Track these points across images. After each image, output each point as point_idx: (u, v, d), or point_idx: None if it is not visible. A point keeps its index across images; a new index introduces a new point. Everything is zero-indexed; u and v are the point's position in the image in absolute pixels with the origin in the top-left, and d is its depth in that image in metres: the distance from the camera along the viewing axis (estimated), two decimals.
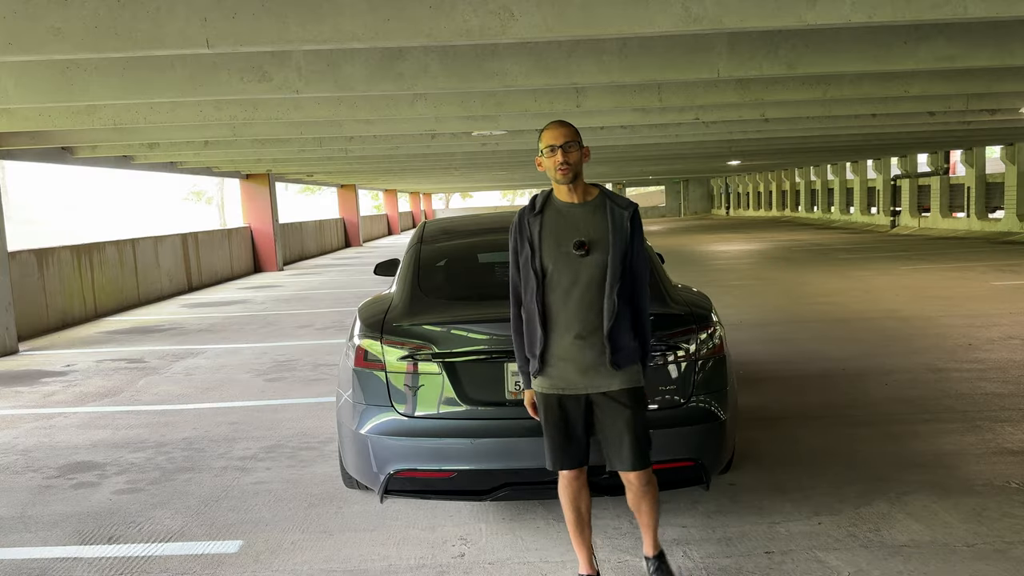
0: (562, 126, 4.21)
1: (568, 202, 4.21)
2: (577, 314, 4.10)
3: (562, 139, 4.14)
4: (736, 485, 5.87)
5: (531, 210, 4.25)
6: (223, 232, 25.81)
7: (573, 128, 4.22)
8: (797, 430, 7.16)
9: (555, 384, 4.18)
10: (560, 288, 4.11)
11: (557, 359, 4.15)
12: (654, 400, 4.82)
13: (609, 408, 4.16)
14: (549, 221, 4.19)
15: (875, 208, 40.78)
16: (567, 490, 4.36)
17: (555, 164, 4.13)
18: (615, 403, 4.15)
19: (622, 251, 4.12)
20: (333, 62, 8.53)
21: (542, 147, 4.19)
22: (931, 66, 8.67)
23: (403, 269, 5.90)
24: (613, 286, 4.08)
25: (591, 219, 4.16)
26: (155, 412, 8.67)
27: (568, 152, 4.12)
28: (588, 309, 4.10)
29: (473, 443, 4.84)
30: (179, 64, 8.52)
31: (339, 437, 5.44)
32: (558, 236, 4.14)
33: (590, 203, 4.21)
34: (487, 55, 8.58)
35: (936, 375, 8.86)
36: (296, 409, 8.52)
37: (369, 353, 5.06)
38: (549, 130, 4.20)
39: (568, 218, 4.17)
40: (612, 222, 4.14)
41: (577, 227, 4.14)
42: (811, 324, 12.49)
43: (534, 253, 4.14)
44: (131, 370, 10.93)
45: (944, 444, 6.64)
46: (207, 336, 13.77)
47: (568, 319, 4.11)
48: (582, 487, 4.35)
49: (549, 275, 4.13)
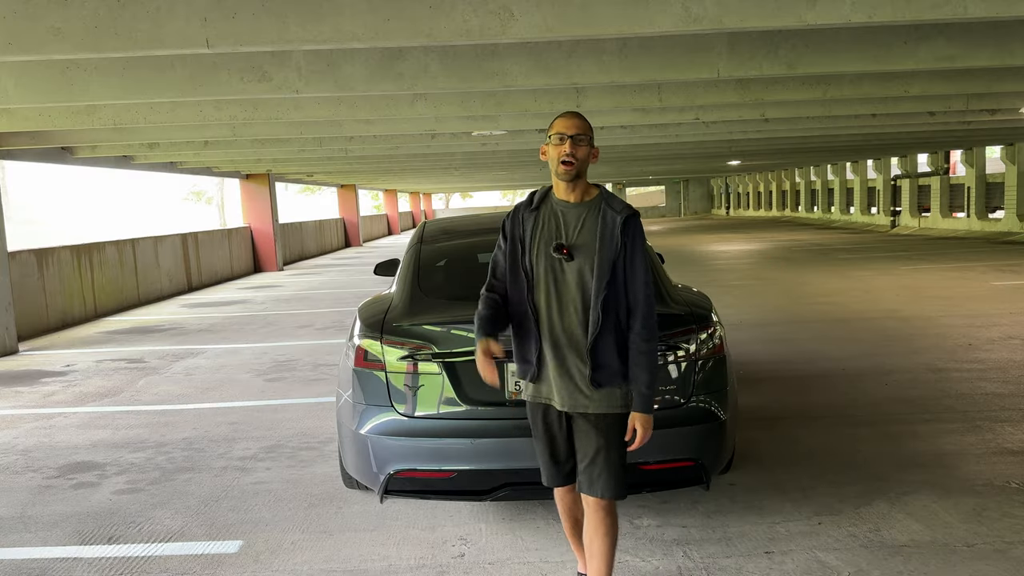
0: (577, 117, 3.88)
1: (564, 200, 3.92)
2: (558, 323, 3.85)
3: (574, 130, 3.82)
4: (736, 485, 5.87)
5: (527, 205, 4.00)
6: (223, 232, 25.81)
7: (588, 123, 3.90)
8: (797, 430, 7.16)
9: (542, 394, 3.97)
10: (543, 292, 3.87)
11: (543, 367, 3.92)
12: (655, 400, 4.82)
13: (584, 430, 3.88)
14: (542, 219, 3.93)
15: (875, 208, 40.78)
16: (561, 503, 4.28)
17: (559, 155, 3.82)
18: (591, 427, 3.86)
19: (609, 259, 3.77)
20: (333, 62, 8.53)
21: (550, 134, 3.87)
22: (931, 66, 8.67)
23: (403, 269, 5.90)
24: (598, 296, 3.76)
25: (582, 221, 3.87)
26: (155, 412, 8.67)
27: (577, 145, 3.80)
28: (569, 319, 3.83)
29: (473, 443, 4.84)
30: (179, 64, 8.52)
31: (339, 437, 5.44)
32: (547, 236, 3.89)
33: (586, 204, 3.90)
34: (487, 55, 8.58)
35: (936, 375, 8.86)
36: (296, 409, 8.52)
37: (369, 353, 5.06)
38: (562, 118, 3.88)
39: (560, 218, 3.90)
40: (602, 226, 3.83)
41: (567, 228, 3.87)
42: (811, 324, 12.49)
43: (524, 252, 3.91)
44: (131, 370, 10.93)
45: (944, 444, 6.64)
46: (207, 336, 13.77)
47: (551, 327, 3.86)
48: (576, 500, 4.18)
49: (535, 277, 3.89)
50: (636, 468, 4.33)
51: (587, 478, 3.89)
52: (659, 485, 5.05)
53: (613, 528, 3.94)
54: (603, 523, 3.92)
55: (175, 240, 21.75)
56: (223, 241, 25.25)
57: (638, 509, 5.47)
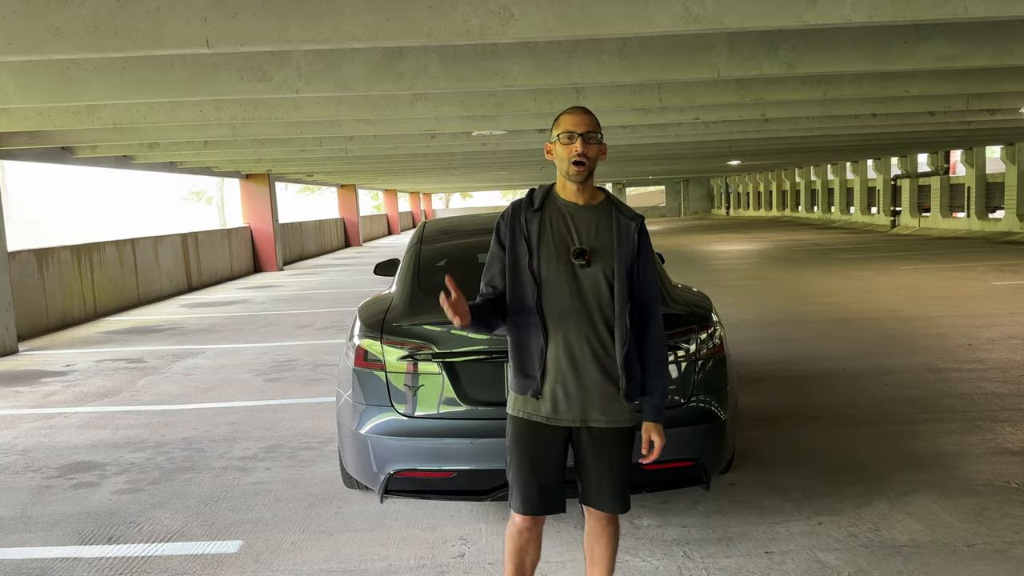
0: (585, 113, 3.62)
1: (572, 202, 3.66)
2: (572, 332, 3.59)
3: (584, 127, 3.57)
4: (736, 485, 5.87)
5: (529, 205, 3.70)
6: (223, 232, 25.81)
7: (595, 118, 3.65)
8: (797, 430, 7.16)
9: (541, 411, 3.65)
10: (556, 301, 3.59)
11: (548, 381, 3.63)
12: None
13: (597, 444, 3.67)
14: (549, 221, 3.64)
15: (875, 208, 40.79)
16: (515, 538, 3.82)
17: (570, 155, 3.56)
18: (606, 439, 3.67)
19: (627, 265, 3.60)
20: (333, 62, 8.53)
21: (557, 133, 3.61)
22: (931, 66, 8.67)
23: (403, 269, 5.91)
24: (624, 306, 3.58)
25: (595, 225, 3.64)
26: (155, 412, 8.67)
27: (588, 144, 3.56)
28: (586, 327, 3.59)
29: (473, 443, 4.84)
30: (179, 64, 8.52)
31: (339, 437, 5.44)
32: (557, 240, 3.62)
33: (595, 207, 3.68)
34: (487, 55, 8.58)
35: (936, 375, 8.86)
36: (296, 409, 8.52)
37: (369, 353, 5.06)
38: (569, 115, 3.62)
39: (570, 221, 3.64)
40: (618, 232, 3.63)
41: (579, 232, 3.62)
42: (811, 324, 12.50)
43: (532, 256, 3.61)
44: (131, 370, 10.93)
45: (944, 444, 6.64)
46: (207, 336, 13.77)
47: (563, 336, 3.60)
48: (534, 540, 3.84)
49: (545, 284, 3.60)
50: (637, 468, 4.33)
51: (598, 494, 3.74)
52: (659, 485, 5.05)
53: (616, 536, 3.90)
54: (607, 532, 3.85)
55: (175, 240, 21.75)
56: (223, 241, 25.25)
57: (638, 509, 5.47)
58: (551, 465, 3.71)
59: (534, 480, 3.70)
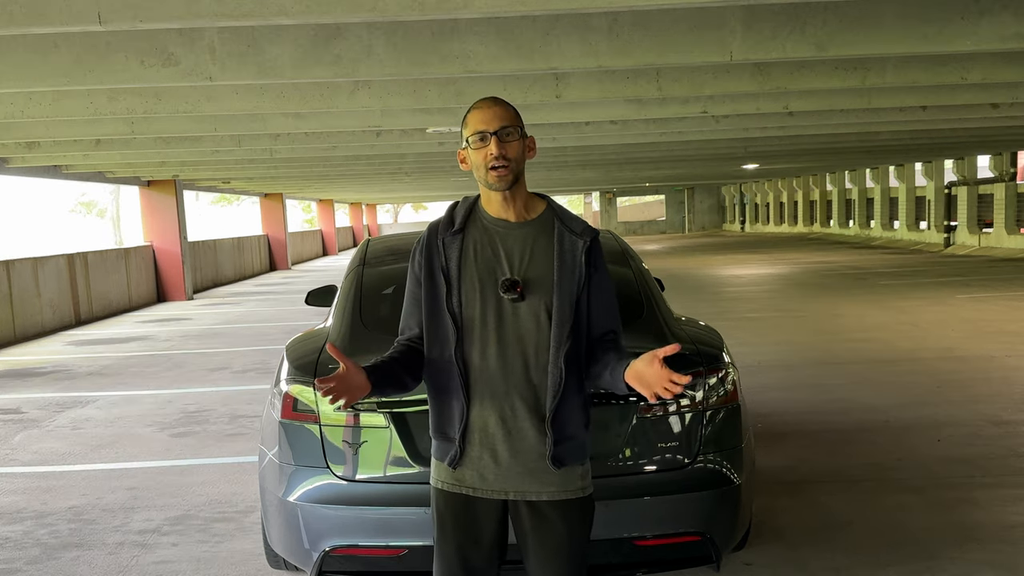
0: (496, 104, 3.53)
1: (500, 219, 3.60)
2: (502, 385, 3.50)
3: (497, 122, 3.47)
4: (753, 565, 5.88)
5: (448, 226, 3.64)
6: (119, 252, 25.68)
7: (512, 108, 3.56)
8: (828, 497, 7.19)
9: (465, 481, 3.60)
10: (480, 344, 3.52)
11: (472, 445, 3.56)
12: (652, 460, 4.83)
13: (536, 522, 3.58)
14: (472, 244, 3.59)
15: (925, 223, 41.05)
16: None
17: (486, 160, 3.47)
18: (545, 517, 3.57)
19: (571, 296, 3.49)
20: (255, 42, 8.53)
21: (467, 135, 3.52)
22: (994, 47, 8.71)
23: (341, 298, 5.91)
24: (560, 348, 3.47)
25: (530, 247, 3.56)
26: (35, 475, 8.61)
27: (505, 142, 3.47)
28: (517, 379, 3.50)
29: (427, 513, 4.81)
30: (64, 44, 8.49)
31: (262, 506, 5.43)
32: (482, 268, 3.54)
33: (532, 223, 3.61)
34: (445, 33, 8.60)
35: (999, 429, 8.92)
36: (209, 471, 8.48)
37: (299, 401, 5.05)
38: (477, 111, 3.53)
39: (499, 243, 3.57)
40: (560, 254, 3.53)
41: (510, 257, 3.54)
42: (846, 366, 12.55)
43: (451, 290, 3.55)
44: (4, 423, 10.85)
45: (1009, 515, 6.68)
46: (99, 381, 13.68)
47: (490, 389, 3.51)
48: None
49: (467, 326, 3.53)
50: (630, 544, 4.31)
51: None
52: (658, 565, 5.03)
53: None
54: None
55: (59, 262, 21.64)
56: (119, 263, 25.13)
57: None
58: (484, 544, 3.66)
59: (457, 566, 3.66)
